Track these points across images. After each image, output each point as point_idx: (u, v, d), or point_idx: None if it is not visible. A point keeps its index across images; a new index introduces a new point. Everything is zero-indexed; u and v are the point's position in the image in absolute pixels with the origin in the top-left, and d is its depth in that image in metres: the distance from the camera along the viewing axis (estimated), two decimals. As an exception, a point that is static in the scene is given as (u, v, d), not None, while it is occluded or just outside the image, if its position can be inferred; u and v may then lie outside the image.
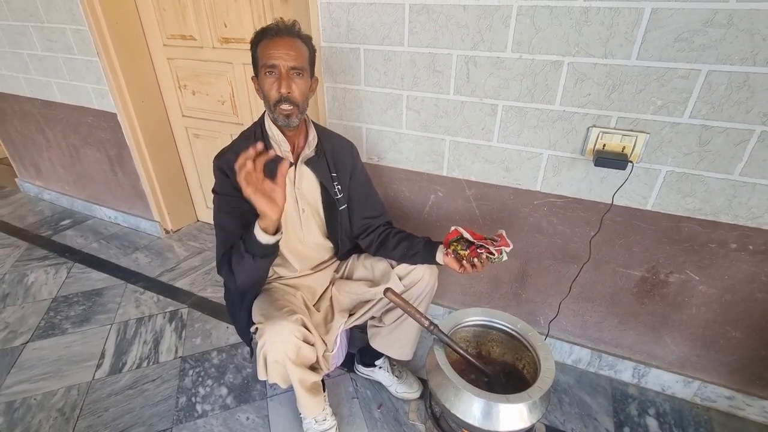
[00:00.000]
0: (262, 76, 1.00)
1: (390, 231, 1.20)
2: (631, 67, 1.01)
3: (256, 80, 1.06)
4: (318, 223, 1.18)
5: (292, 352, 0.95)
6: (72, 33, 1.87)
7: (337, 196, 1.14)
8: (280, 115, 1.01)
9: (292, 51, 0.98)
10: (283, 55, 0.97)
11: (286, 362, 0.96)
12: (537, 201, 1.28)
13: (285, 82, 0.98)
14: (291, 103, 1.00)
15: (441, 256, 1.08)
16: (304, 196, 1.13)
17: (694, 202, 1.10)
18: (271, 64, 0.98)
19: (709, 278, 1.18)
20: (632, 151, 1.08)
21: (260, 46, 1.00)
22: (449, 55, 1.19)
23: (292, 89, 1.00)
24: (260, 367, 0.98)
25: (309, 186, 1.13)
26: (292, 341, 0.94)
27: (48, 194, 2.75)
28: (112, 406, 1.36)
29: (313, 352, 0.98)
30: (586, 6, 0.99)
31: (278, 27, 1.00)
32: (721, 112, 0.98)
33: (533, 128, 1.18)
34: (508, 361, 0.99)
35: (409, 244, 1.13)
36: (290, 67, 0.99)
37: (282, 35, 0.99)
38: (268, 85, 1.00)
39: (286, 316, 0.94)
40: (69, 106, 2.16)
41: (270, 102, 1.01)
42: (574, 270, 1.32)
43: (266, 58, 0.98)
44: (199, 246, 2.26)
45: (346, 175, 1.17)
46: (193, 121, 2.11)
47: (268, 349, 0.95)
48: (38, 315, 1.76)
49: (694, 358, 1.31)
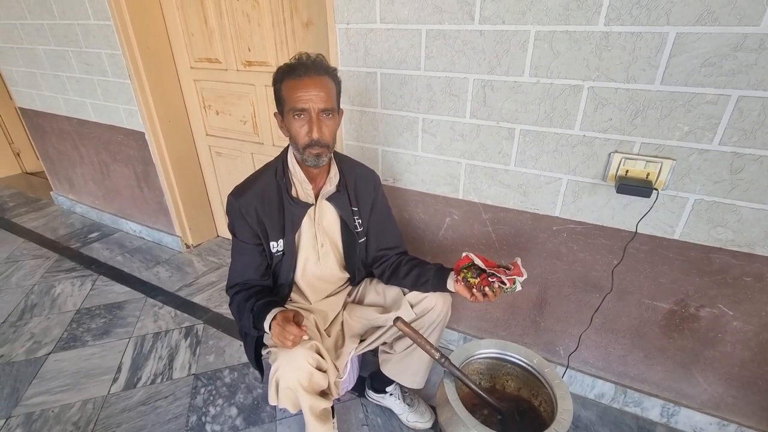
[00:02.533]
0: (290, 118, 0.96)
1: (402, 259, 1.18)
2: (655, 92, 0.97)
3: (279, 117, 1.01)
4: (336, 256, 1.17)
5: (305, 379, 0.93)
6: (107, 57, 1.97)
7: (357, 230, 1.13)
8: (309, 156, 0.98)
9: (321, 92, 0.93)
10: (312, 98, 0.92)
11: (298, 389, 0.94)
12: (556, 227, 1.24)
13: (316, 127, 0.94)
14: (321, 145, 0.97)
15: (452, 284, 1.04)
16: (324, 230, 1.12)
17: (726, 233, 1.03)
18: (301, 108, 0.93)
19: (745, 314, 1.10)
20: (657, 177, 1.03)
21: (286, 85, 0.95)
22: (465, 79, 1.18)
23: (323, 132, 0.95)
24: (272, 391, 0.97)
25: (329, 220, 1.12)
26: (306, 368, 0.92)
27: (79, 207, 2.87)
28: (125, 422, 1.37)
29: (325, 379, 0.96)
30: (607, 31, 0.97)
31: (305, 65, 0.93)
32: (754, 139, 0.92)
33: (552, 152, 1.15)
34: (524, 397, 0.94)
35: (420, 271, 1.11)
36: (320, 110, 0.94)
37: (310, 74, 0.93)
38: (296, 127, 0.96)
39: (302, 342, 0.93)
40: (101, 125, 2.27)
41: (299, 145, 0.97)
42: (596, 299, 1.26)
43: (294, 101, 0.93)
44: (218, 261, 2.30)
45: (367, 208, 1.16)
46: (216, 140, 2.17)
47: (281, 375, 0.93)
48: (62, 326, 1.82)
49: (730, 399, 1.22)
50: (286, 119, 0.98)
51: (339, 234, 1.15)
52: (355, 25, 1.28)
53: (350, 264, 1.18)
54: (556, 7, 0.99)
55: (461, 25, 1.12)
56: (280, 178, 1.05)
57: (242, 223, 1.03)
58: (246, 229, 1.03)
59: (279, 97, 0.98)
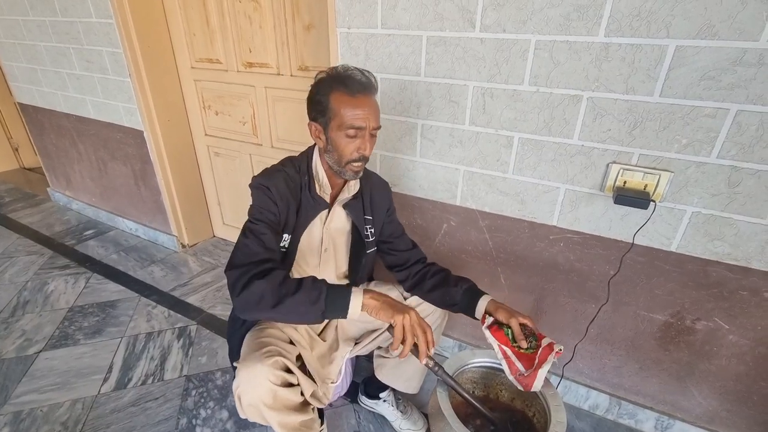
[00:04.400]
0: (337, 132, 0.94)
1: (428, 270, 1.14)
2: (654, 104, 0.97)
3: (318, 126, 0.97)
4: (338, 263, 1.16)
5: (267, 396, 0.87)
6: (108, 55, 1.97)
7: (368, 239, 1.12)
8: (350, 171, 0.98)
9: (375, 110, 0.94)
10: (369, 117, 0.93)
11: (261, 407, 0.89)
12: (553, 236, 1.24)
13: (369, 144, 0.95)
14: (365, 160, 0.98)
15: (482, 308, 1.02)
16: (330, 235, 1.11)
17: (723, 246, 1.03)
18: (358, 127, 0.92)
19: (741, 328, 1.09)
20: (655, 189, 1.03)
21: (337, 98, 0.92)
22: (465, 86, 1.18)
23: (371, 149, 0.97)
24: (237, 406, 0.92)
25: (338, 226, 1.11)
26: (267, 386, 0.86)
27: (76, 204, 2.86)
28: (113, 423, 1.35)
29: (295, 393, 0.91)
30: (607, 42, 0.97)
31: (361, 83, 0.93)
32: (752, 154, 0.92)
33: (550, 161, 1.15)
34: (517, 408, 0.93)
35: (446, 291, 1.08)
36: (373, 128, 0.95)
37: (366, 93, 0.93)
38: (345, 143, 0.94)
39: (262, 359, 0.87)
40: (101, 122, 2.27)
41: (343, 159, 0.96)
42: (592, 310, 1.26)
43: (352, 119, 0.92)
44: (213, 262, 2.29)
45: (381, 217, 1.15)
46: (215, 140, 2.17)
47: (242, 391, 0.88)
48: (54, 324, 1.80)
49: (724, 413, 1.21)
50: (332, 133, 0.95)
51: (345, 241, 1.14)
52: (356, 30, 1.28)
53: (353, 272, 1.16)
54: (557, 17, 1.00)
55: (462, 32, 1.12)
56: (303, 174, 1.04)
57: (269, 201, 0.98)
58: (272, 207, 0.97)
59: (323, 107, 0.94)
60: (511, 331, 0.92)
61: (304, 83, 1.73)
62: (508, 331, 0.92)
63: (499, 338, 0.92)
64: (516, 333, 0.91)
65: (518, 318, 0.93)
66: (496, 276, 1.39)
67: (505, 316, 0.94)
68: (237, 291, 0.84)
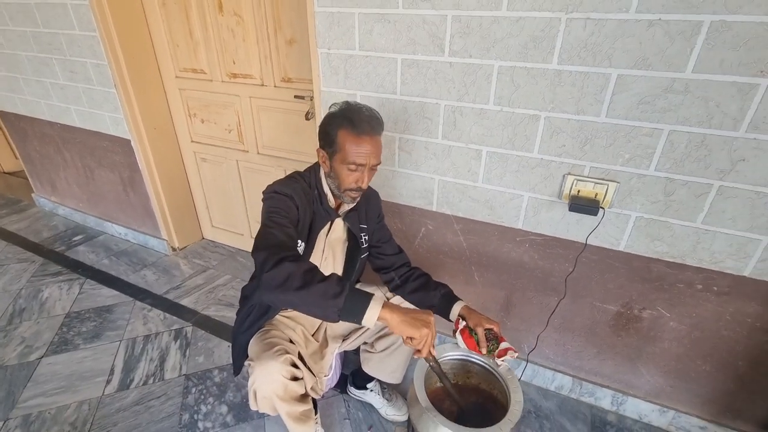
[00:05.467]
0: (340, 164, 1.03)
1: (411, 274, 1.26)
2: (601, 124, 1.10)
3: (324, 154, 1.07)
4: (334, 267, 1.26)
5: (280, 389, 1.02)
6: (92, 66, 2.00)
7: (363, 246, 1.23)
8: (348, 197, 1.08)
9: (377, 149, 1.03)
10: (370, 156, 1.02)
11: (274, 398, 1.03)
12: (519, 238, 1.37)
13: (367, 178, 1.05)
14: (362, 191, 1.08)
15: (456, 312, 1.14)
16: (331, 245, 1.21)
17: (662, 246, 1.18)
18: (359, 164, 1.01)
19: (679, 315, 1.25)
20: (604, 197, 1.17)
21: (344, 135, 1.01)
22: (437, 104, 1.29)
23: (369, 182, 1.07)
24: (251, 399, 1.06)
25: (338, 236, 1.22)
26: (280, 380, 1.00)
27: (62, 210, 2.88)
28: (120, 421, 1.45)
29: (301, 386, 1.06)
30: (560, 69, 1.09)
31: (369, 124, 1.01)
32: (683, 167, 1.07)
33: (515, 172, 1.28)
34: (484, 389, 1.08)
35: (425, 295, 1.20)
36: (373, 165, 1.05)
37: (371, 134, 1.01)
38: (346, 175, 1.04)
39: (275, 356, 1.01)
40: (86, 131, 2.30)
41: (342, 187, 1.07)
42: (554, 302, 1.40)
43: (353, 157, 1.01)
44: (204, 264, 2.37)
45: (373, 225, 1.27)
46: (202, 147, 2.23)
47: (257, 386, 1.02)
48: (52, 330, 1.87)
49: (669, 389, 1.38)
50: (336, 164, 1.05)
51: (342, 249, 1.24)
52: (336, 51, 1.37)
53: (347, 275, 1.26)
54: (516, 45, 1.11)
55: (433, 56, 1.23)
56: (313, 188, 1.13)
57: (289, 202, 1.03)
58: (292, 208, 1.03)
59: (331, 140, 1.04)
60: (477, 336, 1.06)
61: (287, 93, 1.81)
62: (475, 336, 1.07)
63: (468, 344, 1.06)
64: (480, 339, 1.05)
65: (485, 324, 1.07)
66: (470, 274, 1.53)
67: (474, 322, 1.08)
68: (267, 268, 0.84)
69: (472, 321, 1.09)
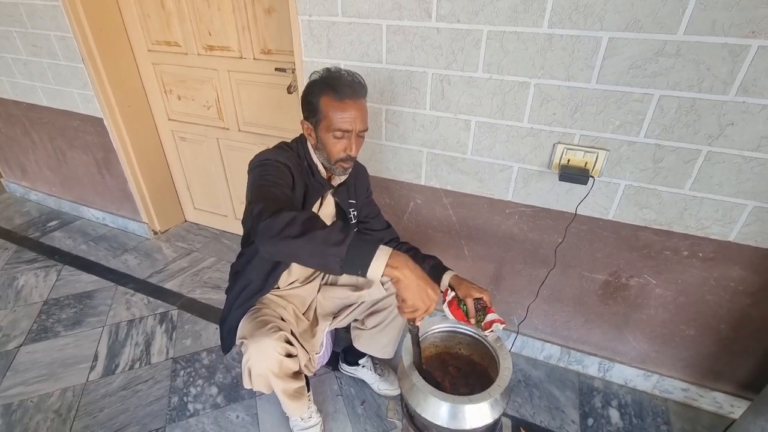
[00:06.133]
0: (326, 133, 1.00)
1: (399, 248, 1.20)
2: (592, 90, 1.08)
3: (309, 127, 1.04)
4: None
5: (275, 366, 1.00)
6: (57, 39, 1.87)
7: (352, 222, 1.21)
8: (339, 168, 1.05)
9: (362, 114, 1.00)
10: (355, 120, 0.98)
11: (270, 376, 1.02)
12: (509, 210, 1.36)
13: (355, 146, 1.01)
14: (352, 159, 1.05)
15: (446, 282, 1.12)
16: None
17: (650, 214, 1.19)
18: (345, 130, 0.98)
19: (665, 282, 1.27)
20: (594, 166, 1.16)
21: (326, 101, 0.98)
22: (425, 73, 1.25)
23: (358, 150, 1.03)
24: (245, 378, 1.04)
25: (328, 211, 1.18)
26: (275, 357, 0.99)
27: (35, 195, 2.75)
28: (107, 407, 1.42)
29: (295, 363, 1.05)
30: (550, 33, 1.06)
31: (351, 87, 0.98)
32: (672, 133, 1.06)
33: (504, 143, 1.25)
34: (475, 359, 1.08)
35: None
36: (360, 130, 1.01)
37: (354, 97, 0.98)
38: (333, 143, 1.01)
39: (270, 334, 0.99)
40: (55, 110, 2.17)
41: (332, 158, 1.03)
42: (543, 274, 1.41)
43: (338, 122, 0.97)
44: (188, 247, 2.31)
45: (362, 200, 1.24)
46: (180, 125, 2.14)
47: (252, 364, 1.00)
48: (30, 318, 1.81)
49: (653, 354, 1.42)
50: (321, 133, 1.02)
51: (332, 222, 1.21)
52: (317, 18, 1.30)
53: None
54: (506, 9, 1.07)
55: (419, 21, 1.18)
56: (302, 160, 1.08)
57: (283, 169, 0.97)
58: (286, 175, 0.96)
59: (314, 108, 1.00)
60: (466, 307, 1.05)
61: (268, 66, 1.73)
62: (464, 307, 1.06)
63: (456, 315, 1.06)
64: (469, 310, 1.05)
65: (474, 294, 1.05)
66: (460, 248, 1.52)
67: (464, 292, 1.07)
68: (264, 217, 0.78)
69: (462, 291, 1.08)
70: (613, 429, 1.37)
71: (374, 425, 1.37)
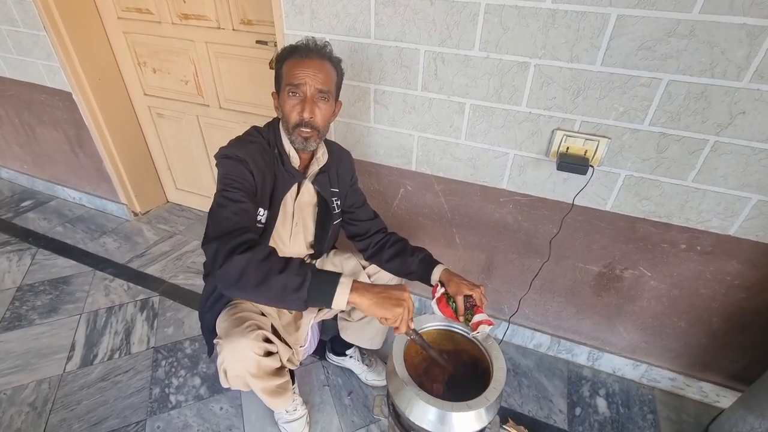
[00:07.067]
0: (284, 95, 0.96)
1: (387, 240, 1.18)
2: (596, 73, 1.00)
3: (276, 97, 1.02)
4: (306, 235, 1.17)
5: (252, 367, 0.95)
6: (13, 4, 1.71)
7: (335, 211, 1.13)
8: (298, 137, 0.98)
9: (320, 73, 0.94)
10: (310, 76, 0.93)
11: (246, 376, 0.97)
12: (503, 198, 1.30)
13: (309, 107, 0.95)
14: (312, 127, 0.97)
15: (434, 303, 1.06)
16: (300, 209, 1.11)
17: (649, 205, 1.13)
18: (296, 84, 0.93)
19: (660, 275, 1.24)
20: (594, 155, 1.10)
21: (287, 64, 0.96)
22: (417, 50, 1.15)
23: (315, 114, 0.96)
24: (222, 378, 0.99)
25: (306, 201, 1.11)
26: (251, 357, 0.93)
27: (5, 173, 2.61)
28: (84, 399, 1.37)
29: (275, 360, 0.99)
30: (554, 8, 0.96)
31: (308, 47, 0.95)
32: (679, 121, 0.99)
33: (500, 128, 1.18)
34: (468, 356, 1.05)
35: (403, 261, 1.13)
36: (317, 90, 0.94)
37: (312, 56, 0.94)
38: (289, 106, 0.96)
39: (246, 333, 0.93)
40: (19, 82, 2.02)
41: (289, 124, 0.97)
42: (537, 265, 1.37)
43: (291, 77, 0.94)
44: (170, 229, 2.22)
45: (345, 189, 1.17)
46: (157, 101, 2.01)
47: (227, 365, 0.95)
48: (3, 306, 1.73)
49: (643, 345, 1.41)
50: (281, 96, 0.98)
51: (312, 214, 1.15)
52: (299, -15, 1.18)
53: (319, 244, 1.18)
54: (507, -21, 0.97)
55: (411, -8, 1.07)
56: (272, 147, 1.02)
57: (242, 167, 0.93)
58: (246, 174, 0.93)
59: (278, 76, 0.99)
60: (455, 305, 1.01)
61: (248, 38, 1.60)
62: (453, 304, 1.01)
63: (445, 313, 1.02)
64: (458, 307, 1.00)
65: (464, 291, 1.00)
66: (451, 237, 1.47)
67: (454, 289, 1.01)
68: (218, 264, 0.79)
69: (452, 288, 1.03)
70: (600, 418, 1.37)
71: (361, 416, 1.35)
